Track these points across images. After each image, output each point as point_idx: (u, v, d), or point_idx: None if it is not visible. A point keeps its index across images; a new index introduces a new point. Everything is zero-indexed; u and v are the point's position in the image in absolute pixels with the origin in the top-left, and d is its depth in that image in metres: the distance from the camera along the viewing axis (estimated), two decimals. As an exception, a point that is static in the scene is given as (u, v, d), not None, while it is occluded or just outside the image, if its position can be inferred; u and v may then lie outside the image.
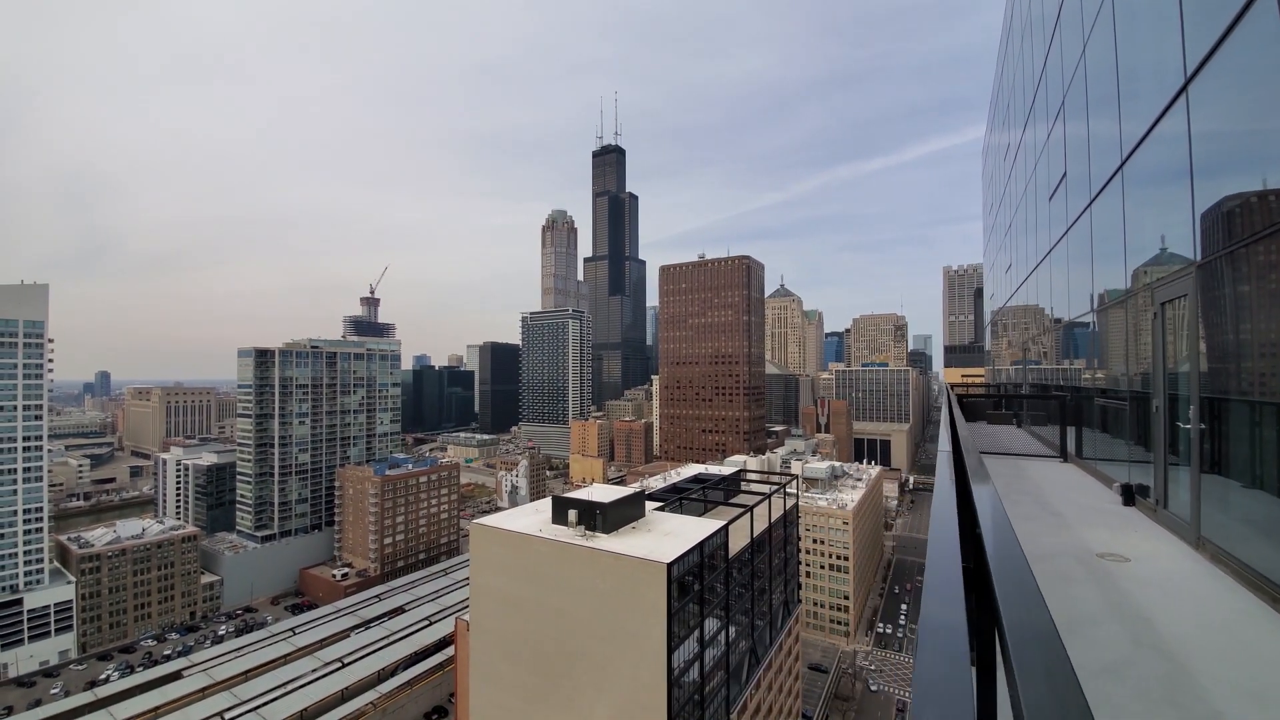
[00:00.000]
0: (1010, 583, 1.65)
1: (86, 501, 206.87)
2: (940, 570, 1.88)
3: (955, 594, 1.61)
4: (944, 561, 1.94)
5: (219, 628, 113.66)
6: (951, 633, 1.45)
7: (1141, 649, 3.86)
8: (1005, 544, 2.04)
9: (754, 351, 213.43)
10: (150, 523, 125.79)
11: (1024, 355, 20.96)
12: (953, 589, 1.68)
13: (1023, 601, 1.62)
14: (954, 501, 2.72)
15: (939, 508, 2.71)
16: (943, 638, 1.41)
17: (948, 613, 1.58)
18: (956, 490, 2.94)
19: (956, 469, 3.72)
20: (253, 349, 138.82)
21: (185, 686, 75.28)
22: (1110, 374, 10.03)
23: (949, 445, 4.60)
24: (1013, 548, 1.96)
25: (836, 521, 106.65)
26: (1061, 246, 12.90)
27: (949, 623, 1.52)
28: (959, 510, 2.64)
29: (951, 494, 2.88)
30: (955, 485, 3.12)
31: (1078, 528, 6.85)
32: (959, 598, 1.58)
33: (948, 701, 1.16)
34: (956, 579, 1.72)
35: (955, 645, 1.38)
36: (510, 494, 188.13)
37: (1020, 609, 1.59)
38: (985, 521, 2.34)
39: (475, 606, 44.84)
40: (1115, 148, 9.05)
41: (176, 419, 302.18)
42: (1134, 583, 5.01)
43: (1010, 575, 1.71)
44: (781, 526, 58.35)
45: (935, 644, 1.45)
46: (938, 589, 1.71)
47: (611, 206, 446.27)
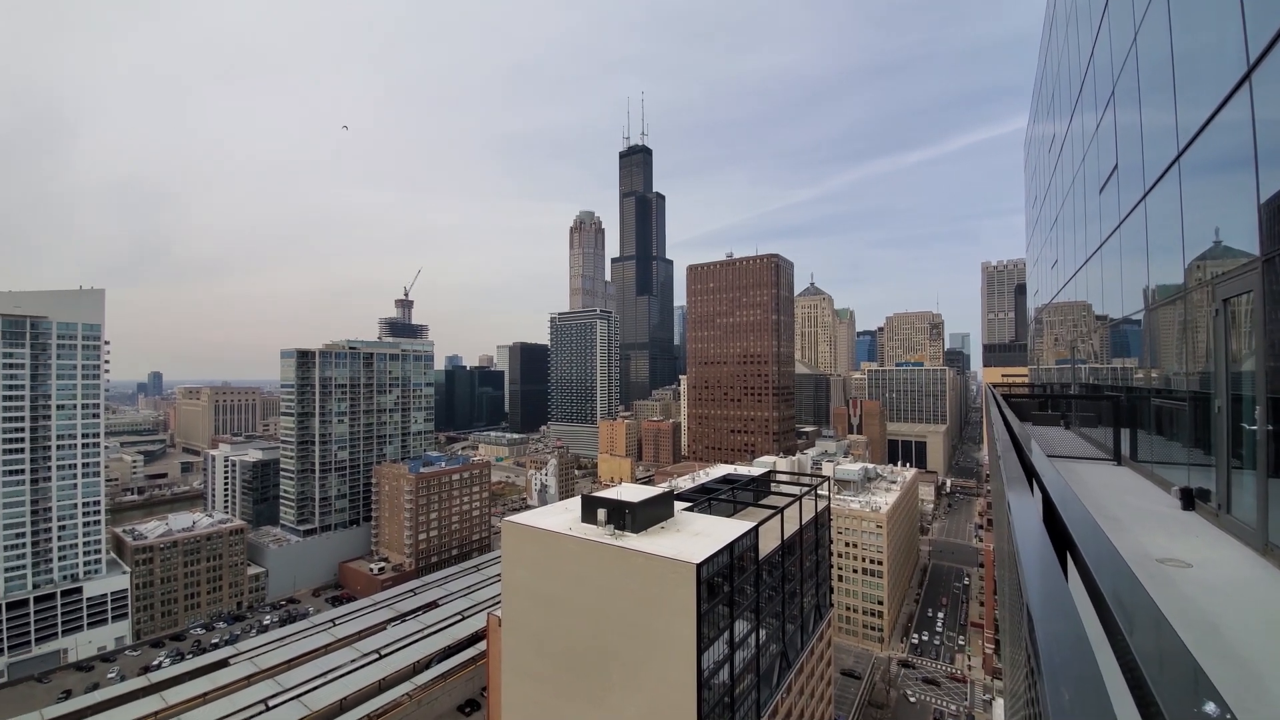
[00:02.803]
0: (1121, 591, 1.58)
1: (140, 496, 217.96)
2: (1043, 579, 1.85)
3: (1067, 604, 1.55)
4: (1044, 571, 1.91)
5: (263, 617, 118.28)
6: (1074, 645, 1.38)
7: (1208, 657, 3.73)
8: (1102, 550, 2.01)
9: (783, 351, 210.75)
10: (200, 516, 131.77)
11: (1072, 354, 20.19)
12: (1062, 598, 1.65)
13: (1140, 610, 1.57)
14: (1037, 506, 2.68)
15: (1021, 515, 2.68)
16: (1067, 651, 1.38)
17: (1064, 624, 1.50)
18: (1041, 497, 2.88)
19: (1025, 470, 3.66)
20: (294, 350, 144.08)
21: (232, 673, 78.65)
22: (1167, 373, 9.62)
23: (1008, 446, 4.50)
24: (1111, 554, 1.93)
25: (870, 525, 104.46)
26: (1114, 240, 12.41)
27: (1068, 634, 1.43)
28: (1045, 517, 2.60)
29: (1030, 499, 2.84)
30: (1031, 489, 3.06)
31: (1135, 532, 6.61)
32: (1072, 608, 1.52)
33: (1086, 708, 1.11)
34: (1061, 587, 1.65)
35: (1082, 659, 1.31)
36: (540, 492, 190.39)
37: (1142, 619, 1.53)
38: (1075, 527, 2.31)
39: (507, 602, 45.56)
40: (1171, 138, 8.70)
41: (224, 417, 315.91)
42: (1197, 588, 4.83)
43: (1118, 582, 1.65)
44: (813, 529, 57.50)
45: (1061, 660, 1.36)
46: (1047, 600, 1.63)
47: (639, 206, 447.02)
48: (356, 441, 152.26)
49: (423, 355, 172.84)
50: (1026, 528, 2.35)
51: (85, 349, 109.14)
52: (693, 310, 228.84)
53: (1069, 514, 2.36)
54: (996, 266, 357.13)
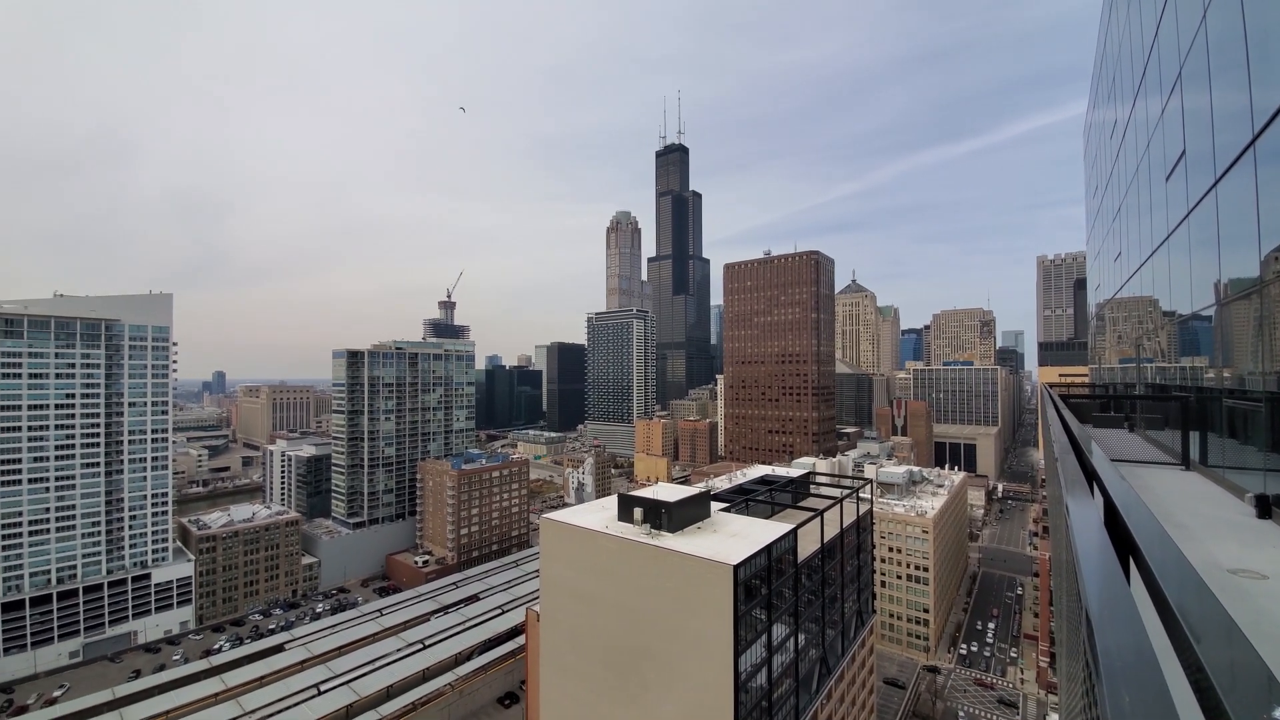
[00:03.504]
0: (1188, 596, 1.49)
1: (204, 488, 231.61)
2: (1104, 583, 1.78)
3: (1128, 608, 1.47)
4: (1104, 574, 1.83)
5: (316, 605, 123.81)
6: (1137, 650, 1.32)
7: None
8: (1169, 555, 1.92)
9: (823, 350, 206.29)
10: (259, 508, 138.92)
11: (1137, 352, 19.05)
12: (1123, 602, 1.58)
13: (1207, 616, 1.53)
14: (1098, 511, 2.57)
15: (1080, 521, 2.58)
16: (1128, 656, 1.33)
17: (1125, 630, 1.44)
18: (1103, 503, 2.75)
19: (1086, 473, 3.49)
20: (345, 351, 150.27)
21: (287, 658, 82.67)
22: (1241, 372, 8.98)
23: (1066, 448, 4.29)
24: (1178, 558, 1.84)
25: (915, 530, 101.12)
26: (1182, 231, 11.67)
27: (1129, 641, 1.39)
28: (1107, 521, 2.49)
29: (1090, 503, 2.72)
30: (1093, 493, 2.93)
31: (1205, 541, 6.20)
32: (1134, 611, 1.44)
33: None
34: (1123, 591, 1.57)
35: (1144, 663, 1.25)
36: (577, 491, 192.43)
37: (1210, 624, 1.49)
38: (1139, 532, 2.20)
39: (545, 598, 46.27)
40: (1245, 120, 8.13)
41: (281, 414, 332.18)
42: (1274, 601, 4.50)
43: (1185, 588, 1.54)
44: (854, 533, 56.12)
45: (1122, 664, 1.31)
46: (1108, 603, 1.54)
47: (675, 205, 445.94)
48: (402, 438, 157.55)
49: (464, 355, 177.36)
50: (1086, 532, 2.25)
51: (155, 350, 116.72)
52: (729, 309, 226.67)
53: (1132, 518, 2.24)
54: (1053, 260, 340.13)
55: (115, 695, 75.23)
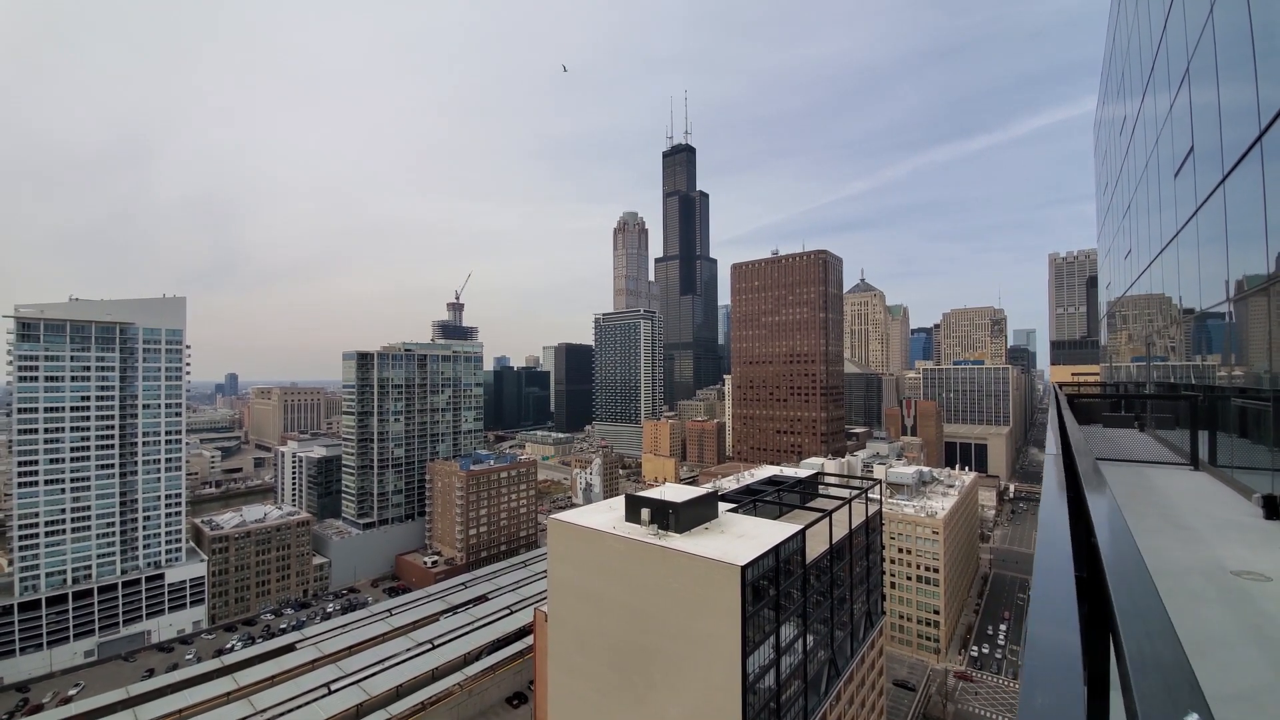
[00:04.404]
0: (1129, 595, 1.53)
1: (217, 489, 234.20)
2: (1050, 581, 1.81)
3: (1067, 607, 1.52)
4: (1054, 571, 1.86)
5: (327, 605, 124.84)
6: (1062, 649, 1.38)
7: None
8: (1124, 553, 1.93)
9: (831, 350, 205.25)
10: (271, 508, 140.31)
11: (1147, 350, 18.83)
12: (1064, 601, 1.62)
13: (1144, 615, 1.55)
14: (1065, 507, 2.58)
15: (1047, 514, 2.59)
16: (1053, 654, 1.39)
17: (1058, 628, 1.49)
18: (1068, 496, 2.77)
19: (1068, 473, 3.50)
20: (355, 352, 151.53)
21: (298, 658, 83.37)
22: (1251, 371, 8.87)
23: (1057, 448, 4.29)
24: (1133, 557, 1.86)
25: (925, 530, 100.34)
26: (1190, 228, 11.54)
27: (1059, 639, 1.44)
28: (1071, 518, 2.50)
29: (1062, 500, 2.73)
30: (1067, 491, 2.94)
31: (1211, 542, 6.14)
32: (1071, 611, 1.49)
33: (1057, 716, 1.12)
34: (1069, 590, 1.62)
35: (1066, 663, 1.31)
36: (584, 491, 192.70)
37: (1141, 624, 1.51)
38: (1101, 529, 2.22)
39: (553, 599, 46.37)
40: (1252, 116, 8.06)
41: (292, 415, 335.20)
42: (1276, 604, 4.45)
43: (1130, 587, 1.58)
44: (863, 533, 55.76)
45: (1044, 662, 1.37)
46: (1047, 601, 1.61)
47: (682, 206, 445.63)
48: (411, 439, 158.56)
49: (472, 356, 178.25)
50: (1049, 529, 2.27)
51: (168, 352, 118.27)
52: (737, 309, 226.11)
53: (1098, 519, 2.26)
54: (1065, 258, 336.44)
55: (129, 694, 76.20)
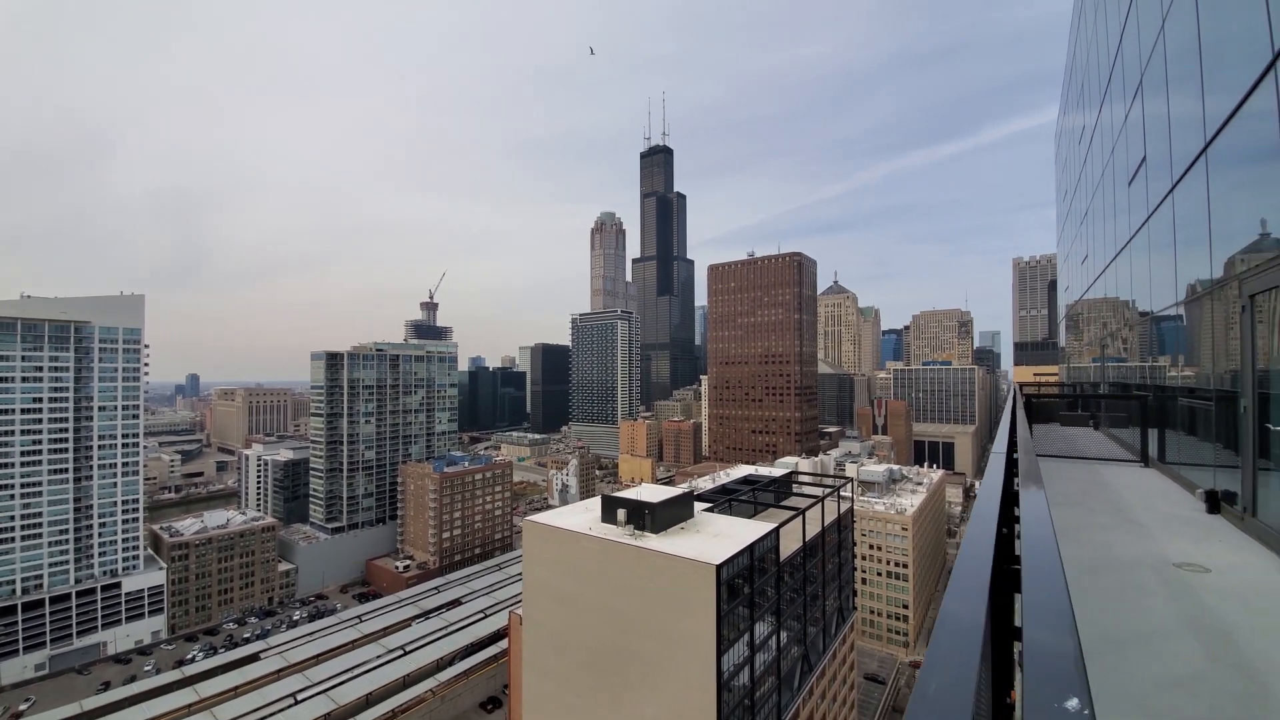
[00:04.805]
0: (1037, 588, 1.60)
1: (177, 494, 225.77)
2: (969, 569, 1.87)
3: (979, 594, 1.59)
4: (974, 561, 1.93)
5: (293, 613, 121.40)
6: (967, 632, 1.43)
7: (1218, 664, 3.61)
8: (1040, 549, 2.00)
9: (806, 350, 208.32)
10: (234, 514, 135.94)
11: (1102, 352, 19.59)
12: (977, 589, 1.67)
13: (1047, 607, 1.60)
14: (997, 503, 2.66)
15: (981, 507, 2.67)
16: (958, 637, 1.43)
17: (967, 612, 1.56)
18: (1004, 493, 2.86)
19: (1008, 470, 3.61)
20: (324, 352, 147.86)
21: (263, 668, 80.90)
22: (1196, 372, 9.30)
23: (1003, 447, 4.44)
24: (1049, 552, 1.92)
25: (895, 527, 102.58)
26: (1142, 235, 12.04)
27: (967, 622, 1.48)
28: (1001, 513, 2.58)
29: (996, 496, 2.82)
30: (1004, 487, 3.04)
31: (1157, 536, 6.41)
32: (982, 598, 1.56)
33: (948, 699, 1.16)
34: (983, 580, 1.68)
35: (968, 645, 1.36)
36: (561, 492, 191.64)
37: (1043, 615, 1.57)
38: (1026, 524, 2.30)
39: (528, 601, 46.00)
40: (1199, 128, 8.44)
41: (257, 417, 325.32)
42: (1214, 595, 4.67)
43: (1040, 580, 1.66)
44: (835, 531, 56.73)
45: (950, 642, 1.40)
46: (962, 588, 1.68)
47: (659, 207, 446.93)
48: (383, 441, 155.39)
49: (447, 357, 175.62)
50: (978, 524, 2.33)
51: (126, 352, 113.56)
52: (714, 310, 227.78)
53: (1024, 513, 2.35)
54: (1029, 262, 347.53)
55: (83, 709, 72.91)
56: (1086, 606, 4.49)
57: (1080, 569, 5.33)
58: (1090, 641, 3.90)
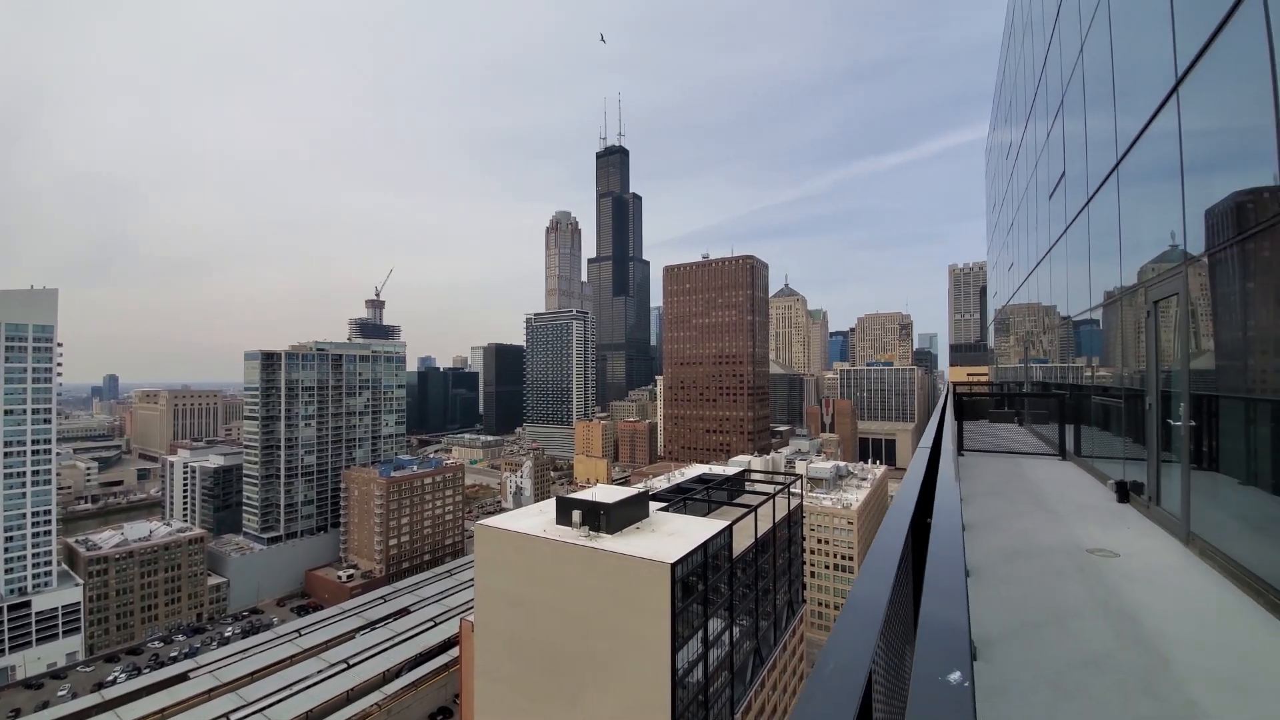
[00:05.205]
0: (937, 573, 1.70)
1: (94, 504, 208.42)
2: (879, 556, 1.96)
3: (885, 578, 1.67)
4: (884, 550, 2.02)
5: (225, 629, 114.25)
6: (868, 613, 1.51)
7: (1123, 642, 3.92)
8: (946, 539, 2.11)
9: (758, 351, 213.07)
10: (157, 525, 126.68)
11: (1026, 354, 20.94)
12: (884, 573, 1.76)
13: (944, 590, 1.63)
14: (916, 494, 2.80)
15: (900, 500, 2.80)
16: (860, 618, 1.51)
17: (871, 595, 1.61)
18: (923, 485, 3.02)
19: (930, 465, 3.81)
20: (259, 352, 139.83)
21: (193, 688, 75.78)
22: (1107, 372, 10.06)
23: (929, 442, 4.69)
24: (953, 542, 2.03)
25: (841, 521, 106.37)
26: (1061, 245, 12.92)
27: (869, 604, 1.56)
28: (919, 503, 2.72)
29: (915, 489, 2.96)
30: (924, 480, 3.20)
31: (1071, 524, 6.90)
32: (887, 582, 1.64)
33: (843, 677, 1.20)
34: (890, 565, 1.77)
35: (868, 625, 1.44)
36: (515, 495, 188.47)
37: (940, 597, 1.61)
38: (937, 513, 2.43)
39: (480, 607, 44.99)
40: (1111, 146, 9.09)
41: (184, 422, 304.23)
42: (1121, 578, 5.07)
43: (942, 564, 1.76)
44: (786, 526, 58.26)
45: (852, 623, 1.50)
46: (869, 572, 1.77)
47: (615, 207, 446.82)
48: (324, 445, 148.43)
49: (394, 356, 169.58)
50: (894, 517, 2.45)
51: (36, 351, 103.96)
52: (669, 311, 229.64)
53: (939, 504, 2.49)
54: (963, 269, 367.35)
55: (-21, 744, 66.30)
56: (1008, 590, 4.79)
57: (1002, 555, 5.70)
58: (1011, 623, 4.16)
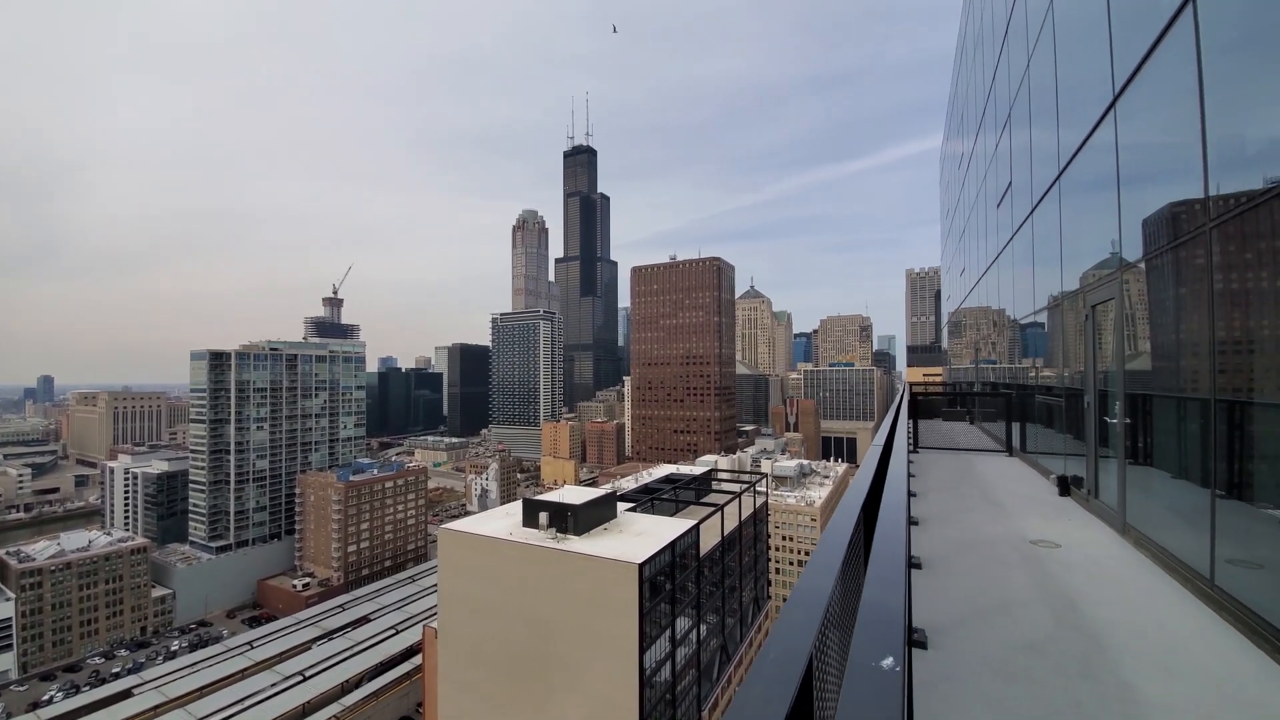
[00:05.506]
0: (880, 565, 1.79)
1: (28, 513, 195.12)
2: (826, 549, 2.04)
3: (830, 570, 1.74)
4: (832, 543, 2.09)
5: (172, 643, 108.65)
6: (812, 602, 1.54)
7: (1063, 627, 4.15)
8: (891, 533, 2.20)
9: (725, 352, 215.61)
10: (97, 534, 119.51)
11: (976, 355, 21.86)
12: (830, 565, 1.82)
13: (886, 580, 1.71)
14: (866, 489, 2.91)
15: (849, 496, 2.90)
16: (804, 608, 1.53)
17: (816, 585, 1.68)
18: (873, 481, 3.15)
19: (881, 459, 3.97)
20: (206, 351, 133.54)
21: (137, 704, 71.78)
22: (1050, 372, 10.61)
23: (882, 440, 4.87)
24: (897, 537, 2.13)
25: (805, 518, 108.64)
26: (1007, 252, 13.53)
27: (813, 593, 1.59)
28: (868, 498, 2.83)
29: (865, 484, 3.08)
30: (874, 475, 3.33)
31: (1016, 517, 7.26)
32: (832, 572, 1.71)
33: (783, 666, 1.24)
34: (836, 557, 1.85)
35: (811, 613, 1.46)
36: (480, 498, 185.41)
37: (881, 587, 1.66)
38: (884, 508, 2.53)
39: (444, 613, 44.08)
40: (1054, 158, 9.58)
41: (125, 425, 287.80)
42: (1061, 567, 5.36)
43: (885, 555, 1.85)
44: (752, 524, 59.08)
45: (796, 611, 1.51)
46: (817, 564, 1.84)
47: (583, 207, 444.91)
48: (278, 449, 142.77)
49: (353, 356, 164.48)
50: (843, 513, 2.56)
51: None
52: (637, 311, 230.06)
53: (886, 499, 2.62)
54: (919, 273, 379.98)
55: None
56: (958, 581, 5.02)
57: (953, 548, 5.96)
58: (961, 612, 4.36)
